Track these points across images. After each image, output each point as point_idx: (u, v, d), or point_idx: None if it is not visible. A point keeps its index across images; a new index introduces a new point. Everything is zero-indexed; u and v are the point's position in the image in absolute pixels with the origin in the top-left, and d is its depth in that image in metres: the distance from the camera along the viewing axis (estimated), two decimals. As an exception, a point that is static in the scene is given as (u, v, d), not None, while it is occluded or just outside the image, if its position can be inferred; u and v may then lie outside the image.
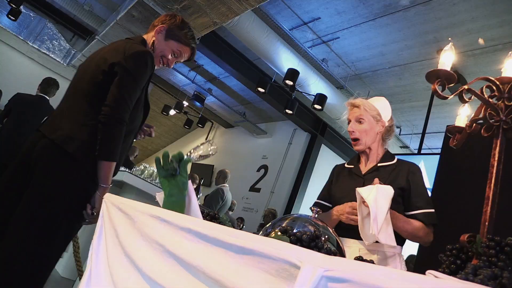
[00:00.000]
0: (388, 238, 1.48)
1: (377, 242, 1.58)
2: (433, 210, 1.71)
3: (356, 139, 1.87)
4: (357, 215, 1.59)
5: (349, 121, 1.93)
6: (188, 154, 1.54)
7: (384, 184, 1.60)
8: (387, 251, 1.67)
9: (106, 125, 1.56)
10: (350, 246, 1.71)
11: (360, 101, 1.91)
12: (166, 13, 1.93)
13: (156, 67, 1.90)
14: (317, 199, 2.01)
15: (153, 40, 1.86)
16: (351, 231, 1.69)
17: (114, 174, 1.70)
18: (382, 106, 1.92)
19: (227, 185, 6.47)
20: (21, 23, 7.95)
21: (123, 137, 1.63)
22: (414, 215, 1.70)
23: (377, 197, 1.47)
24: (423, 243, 1.72)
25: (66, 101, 1.75)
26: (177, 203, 1.37)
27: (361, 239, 1.66)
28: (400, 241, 1.71)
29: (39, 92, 4.39)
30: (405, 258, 1.77)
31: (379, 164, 1.85)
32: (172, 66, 1.96)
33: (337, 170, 2.02)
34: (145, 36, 1.91)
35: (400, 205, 1.72)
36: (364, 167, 1.89)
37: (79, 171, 1.58)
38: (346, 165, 2.00)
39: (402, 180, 1.75)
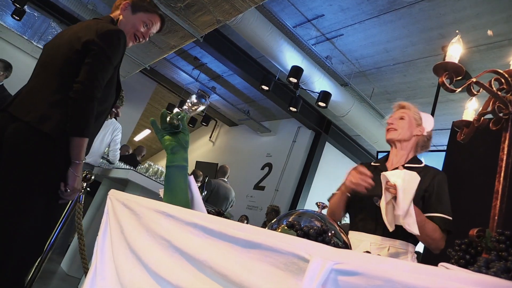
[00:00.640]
0: (412, 224, 1.44)
1: (391, 236, 1.58)
2: (450, 218, 1.68)
3: (391, 129, 1.89)
4: (365, 178, 1.63)
5: (389, 119, 1.97)
6: (182, 110, 1.51)
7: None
8: (400, 247, 1.66)
9: (77, 101, 1.57)
10: (362, 239, 1.71)
11: (406, 103, 1.98)
12: None
13: (132, 44, 1.92)
14: (336, 190, 2.01)
15: (120, 18, 1.87)
16: (364, 224, 1.69)
17: (86, 153, 1.72)
18: (426, 116, 1.96)
19: (225, 180, 6.50)
20: (25, 23, 7.96)
21: (94, 114, 1.63)
22: (431, 217, 1.67)
23: (404, 179, 1.46)
24: (435, 247, 1.67)
25: (36, 80, 1.74)
26: (182, 168, 1.38)
27: (374, 233, 1.66)
28: (412, 238, 1.68)
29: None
30: None
31: (405, 165, 1.84)
32: (147, 38, 1.96)
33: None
34: (112, 16, 1.91)
35: (419, 207, 1.69)
36: (390, 165, 1.89)
37: (56, 150, 1.59)
38: (372, 163, 1.99)
39: (426, 182, 1.74)
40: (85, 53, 1.64)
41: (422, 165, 1.86)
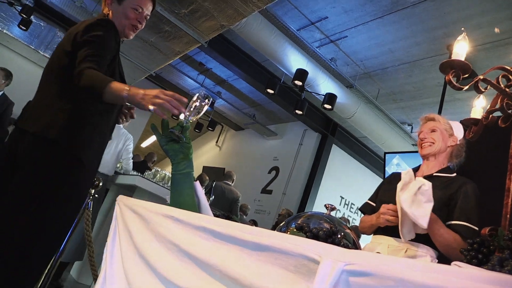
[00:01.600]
0: (420, 217, 1.44)
1: (412, 240, 1.57)
2: (475, 228, 1.62)
3: (427, 143, 1.85)
4: (391, 215, 1.60)
5: (420, 134, 1.92)
6: (184, 117, 1.49)
7: (434, 190, 1.57)
8: (419, 250, 1.63)
9: (81, 75, 1.49)
10: (380, 242, 1.70)
11: (434, 115, 1.93)
12: None
13: (133, 34, 1.87)
14: (368, 200, 2.01)
15: (110, 14, 1.83)
16: (386, 227, 1.67)
17: (100, 157, 1.73)
18: (455, 125, 1.92)
19: (228, 183, 6.52)
20: (32, 32, 8.04)
21: (103, 72, 1.55)
22: (454, 225, 1.62)
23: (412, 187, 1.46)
24: (453, 256, 1.59)
25: (39, 91, 1.74)
26: (187, 174, 1.38)
27: (392, 236, 1.64)
28: (433, 242, 1.64)
29: None
30: None
31: (434, 174, 1.81)
32: (144, 24, 1.90)
33: (393, 176, 2.00)
34: (104, 12, 1.88)
35: (443, 214, 1.66)
36: (420, 174, 1.86)
37: (64, 156, 1.58)
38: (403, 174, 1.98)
39: (454, 189, 1.70)
40: (76, 52, 1.62)
41: (453, 175, 1.81)
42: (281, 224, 1.17)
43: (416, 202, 1.46)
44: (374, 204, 1.94)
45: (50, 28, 8.34)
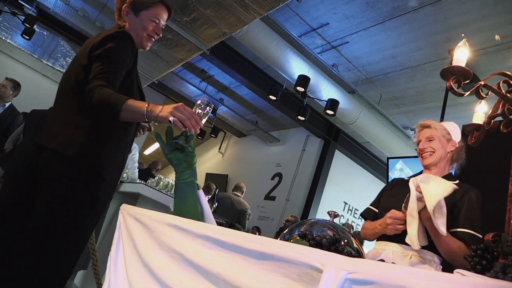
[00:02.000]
0: (441, 224, 1.44)
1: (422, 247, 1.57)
2: (479, 235, 1.61)
3: (427, 153, 1.85)
4: (399, 223, 1.61)
5: (419, 142, 1.92)
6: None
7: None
8: (423, 256, 1.62)
9: (92, 94, 1.46)
10: (384, 248, 1.70)
11: (430, 121, 1.92)
12: None
13: (149, 45, 1.85)
14: (369, 205, 2.01)
15: (126, 25, 1.80)
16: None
17: (122, 166, 1.70)
18: (451, 127, 1.91)
19: (238, 195, 6.57)
20: (35, 42, 8.10)
21: (110, 97, 1.47)
22: (459, 232, 1.62)
23: (432, 182, 1.46)
24: (459, 265, 1.56)
25: (56, 107, 1.71)
26: (190, 183, 1.38)
27: (395, 242, 1.64)
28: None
29: None
30: None
31: None
32: (161, 33, 1.87)
33: (395, 182, 2.00)
34: (119, 23, 1.85)
35: (448, 221, 1.66)
36: None
37: (84, 173, 1.55)
38: (405, 178, 1.97)
39: (457, 197, 1.69)
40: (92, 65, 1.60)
41: (456, 182, 1.79)
42: (284, 232, 1.17)
43: (438, 210, 1.46)
44: (376, 210, 1.94)
45: (53, 37, 8.42)
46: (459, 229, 1.63)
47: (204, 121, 1.48)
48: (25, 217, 1.55)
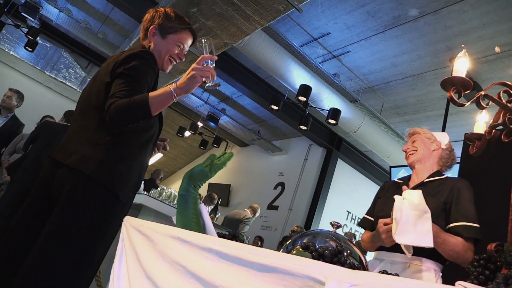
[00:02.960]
0: (418, 240, 1.44)
1: (415, 254, 1.57)
2: (475, 224, 1.61)
3: (410, 153, 1.92)
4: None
5: (404, 147, 2.02)
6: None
7: (426, 197, 1.59)
8: (422, 265, 1.62)
9: (111, 108, 1.47)
10: (383, 259, 1.70)
11: (415, 129, 2.02)
12: (147, 12, 1.88)
13: (170, 67, 1.86)
14: (365, 214, 2.02)
15: (152, 46, 1.80)
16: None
17: (139, 185, 1.70)
18: (438, 133, 1.98)
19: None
20: (38, 53, 8.17)
21: (132, 101, 1.49)
22: (453, 227, 1.63)
23: (404, 201, 1.47)
24: (462, 262, 1.59)
25: (75, 122, 1.70)
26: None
27: (395, 251, 1.64)
28: (439, 256, 1.64)
29: (64, 123, 4.43)
30: None
31: (426, 180, 1.83)
32: (183, 58, 1.89)
33: (387, 186, 2.02)
34: (143, 43, 1.85)
35: (441, 220, 1.67)
36: (412, 183, 1.88)
37: (100, 191, 1.53)
38: (396, 180, 1.99)
39: (444, 195, 1.72)
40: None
41: (444, 176, 1.84)
42: (287, 243, 1.17)
43: (417, 221, 1.46)
44: (372, 219, 1.94)
45: (56, 49, 8.49)
46: (452, 225, 1.64)
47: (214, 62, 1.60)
48: (38, 233, 1.53)
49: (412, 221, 1.44)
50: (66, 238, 1.48)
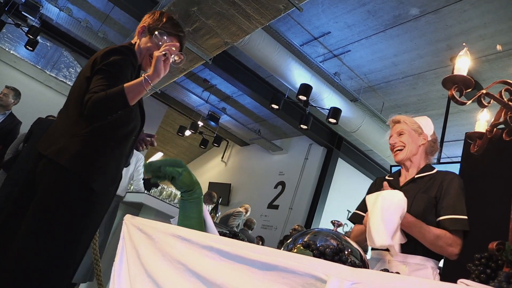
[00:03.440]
0: (384, 240, 1.44)
1: (411, 252, 1.57)
2: (461, 216, 1.61)
3: (398, 149, 1.87)
4: None
5: (391, 138, 1.94)
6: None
7: (417, 194, 1.58)
8: (419, 263, 1.63)
9: (89, 101, 1.51)
10: (380, 258, 1.70)
11: (401, 117, 1.94)
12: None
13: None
14: (355, 209, 2.01)
15: (137, 43, 1.85)
16: None
17: (119, 179, 1.73)
18: (423, 121, 1.93)
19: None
20: (38, 53, 8.16)
21: (108, 93, 1.53)
22: (441, 221, 1.63)
23: (379, 205, 1.47)
24: (447, 254, 1.61)
25: (59, 115, 1.77)
26: (197, 201, 1.41)
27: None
28: (434, 253, 1.64)
29: None
30: None
31: (416, 176, 1.82)
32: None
33: (378, 182, 2.00)
34: (132, 42, 1.90)
35: (433, 215, 1.67)
36: (403, 179, 1.87)
37: (75, 181, 1.56)
38: (387, 177, 1.98)
39: (435, 188, 1.72)
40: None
41: (434, 171, 1.83)
42: (288, 241, 1.17)
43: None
44: (363, 214, 1.93)
45: (56, 48, 8.49)
46: (440, 218, 1.64)
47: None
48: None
49: (381, 222, 1.45)
50: (43, 228, 1.51)
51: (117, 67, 1.63)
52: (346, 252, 0.99)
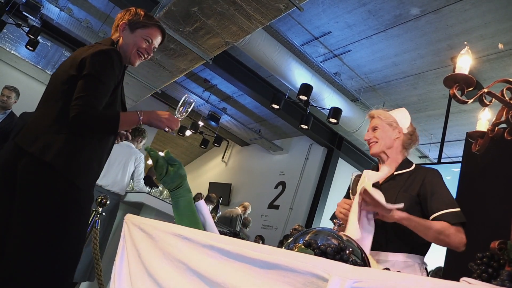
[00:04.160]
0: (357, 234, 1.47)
1: (397, 251, 1.59)
2: (457, 209, 1.61)
3: (372, 143, 1.88)
4: (345, 209, 1.62)
5: (367, 133, 1.96)
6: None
7: (399, 193, 1.63)
8: (406, 260, 1.63)
9: (79, 119, 1.57)
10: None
11: (375, 111, 1.95)
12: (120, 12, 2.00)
13: (138, 62, 1.95)
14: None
15: (120, 40, 1.90)
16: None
17: (98, 175, 1.76)
18: (399, 114, 1.93)
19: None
20: (39, 53, 8.16)
21: (104, 115, 1.64)
22: (437, 217, 1.62)
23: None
24: (454, 246, 1.59)
25: (39, 109, 1.75)
26: (185, 200, 1.42)
27: (379, 250, 1.64)
28: (420, 249, 1.66)
29: None
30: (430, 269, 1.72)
31: (395, 173, 1.82)
32: (152, 54, 1.98)
33: (356, 179, 2.00)
34: (113, 38, 1.93)
35: (417, 213, 1.67)
36: (383, 176, 1.87)
37: (59, 179, 1.57)
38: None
39: (417, 186, 1.71)
40: (79, 77, 1.66)
41: (412, 168, 1.82)
42: (289, 241, 1.16)
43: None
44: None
45: (57, 48, 8.48)
46: (435, 214, 1.62)
47: (182, 117, 1.86)
48: (7, 216, 1.57)
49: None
50: (33, 229, 1.51)
51: (105, 73, 1.67)
52: (347, 251, 0.99)
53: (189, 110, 1.85)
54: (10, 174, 1.60)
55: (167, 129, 1.83)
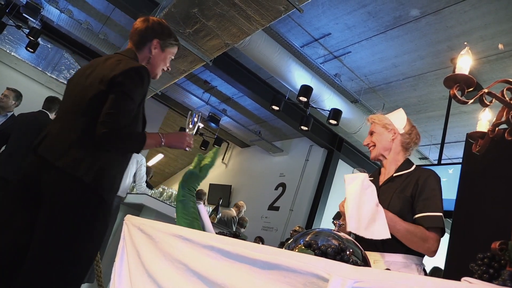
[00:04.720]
0: (376, 232, 1.46)
1: (393, 252, 1.59)
2: (437, 214, 1.61)
3: (370, 148, 1.92)
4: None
5: (366, 139, 2.00)
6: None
7: (394, 194, 1.65)
8: (403, 261, 1.63)
9: (108, 135, 1.60)
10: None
11: (371, 117, 1.97)
12: (142, 19, 2.01)
13: (160, 75, 2.08)
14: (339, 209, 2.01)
15: (152, 56, 1.97)
16: (366, 241, 1.66)
17: (118, 187, 1.77)
18: (395, 116, 1.94)
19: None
20: (39, 54, 8.16)
21: (132, 134, 1.71)
22: (417, 218, 1.63)
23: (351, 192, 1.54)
24: (423, 251, 1.61)
25: (64, 121, 1.74)
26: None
27: (375, 250, 1.64)
28: (418, 251, 1.65)
29: (42, 109, 4.37)
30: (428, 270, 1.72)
31: (394, 174, 1.82)
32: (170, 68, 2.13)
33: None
34: (134, 50, 1.94)
35: (410, 215, 1.67)
36: (383, 178, 1.88)
37: (90, 194, 1.59)
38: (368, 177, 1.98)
39: (411, 187, 1.72)
40: (109, 92, 1.67)
41: (411, 169, 1.82)
42: (289, 242, 1.16)
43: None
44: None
45: (57, 49, 8.49)
46: (415, 216, 1.64)
47: (194, 131, 2.00)
48: (27, 226, 1.57)
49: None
50: (57, 238, 1.52)
51: (135, 92, 1.72)
52: (347, 252, 0.99)
53: (197, 120, 1.99)
54: (32, 185, 1.61)
55: (187, 149, 1.94)
